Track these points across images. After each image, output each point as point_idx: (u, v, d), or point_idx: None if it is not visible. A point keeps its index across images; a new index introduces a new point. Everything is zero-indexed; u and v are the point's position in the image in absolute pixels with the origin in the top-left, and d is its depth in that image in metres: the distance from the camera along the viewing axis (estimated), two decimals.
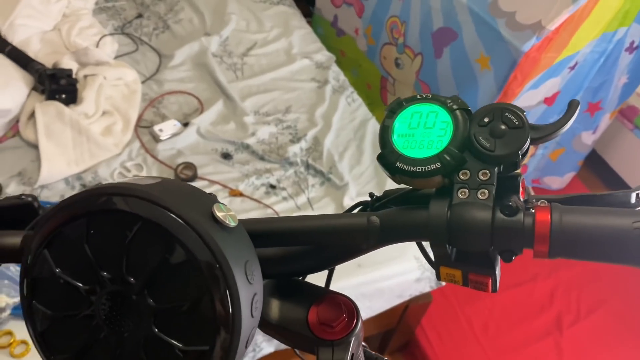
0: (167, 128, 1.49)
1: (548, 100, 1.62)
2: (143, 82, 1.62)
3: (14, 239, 0.39)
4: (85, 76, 1.51)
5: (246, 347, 0.31)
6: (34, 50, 1.54)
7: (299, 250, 0.42)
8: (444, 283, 1.42)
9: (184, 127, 1.51)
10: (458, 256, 0.36)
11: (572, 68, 1.56)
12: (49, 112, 1.39)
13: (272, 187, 1.43)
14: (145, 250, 0.28)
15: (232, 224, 0.31)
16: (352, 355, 0.42)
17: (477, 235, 0.33)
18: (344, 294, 0.43)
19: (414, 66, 1.82)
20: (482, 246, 0.34)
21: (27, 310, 0.31)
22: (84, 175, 1.37)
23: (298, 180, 1.46)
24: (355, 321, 0.42)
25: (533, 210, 0.33)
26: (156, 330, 0.29)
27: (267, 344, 1.29)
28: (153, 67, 1.69)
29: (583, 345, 1.70)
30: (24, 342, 1.06)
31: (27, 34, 1.56)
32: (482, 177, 0.34)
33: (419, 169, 0.35)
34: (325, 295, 0.43)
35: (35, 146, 1.39)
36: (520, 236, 0.33)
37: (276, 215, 1.38)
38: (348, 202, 1.41)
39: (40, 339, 0.31)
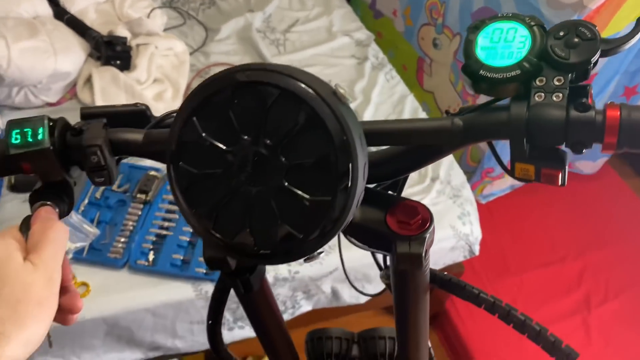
0: None
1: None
2: (191, 54, 1.68)
3: (137, 136, 0.46)
4: (138, 45, 1.58)
5: (356, 206, 0.37)
6: (90, 19, 1.62)
7: (382, 156, 0.47)
8: (477, 253, 1.46)
9: None
10: (532, 153, 0.40)
11: None
12: (105, 76, 1.46)
13: None
14: (280, 117, 0.34)
15: (350, 100, 0.36)
16: (426, 251, 0.47)
17: (553, 130, 0.38)
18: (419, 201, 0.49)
19: (452, 46, 1.85)
20: (557, 140, 0.38)
21: (173, 172, 0.37)
22: None
23: None
24: (429, 222, 0.47)
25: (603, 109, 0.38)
26: (286, 183, 0.34)
27: (305, 302, 1.35)
28: (200, 40, 1.76)
29: (612, 324, 1.72)
30: (84, 283, 1.14)
31: (83, 5, 1.63)
32: (556, 83, 0.39)
33: (500, 75, 0.40)
34: (401, 200, 0.48)
35: None
36: (592, 129, 0.37)
37: None
38: None
39: (185, 195, 0.37)
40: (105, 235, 1.21)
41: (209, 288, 1.18)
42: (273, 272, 1.23)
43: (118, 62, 1.50)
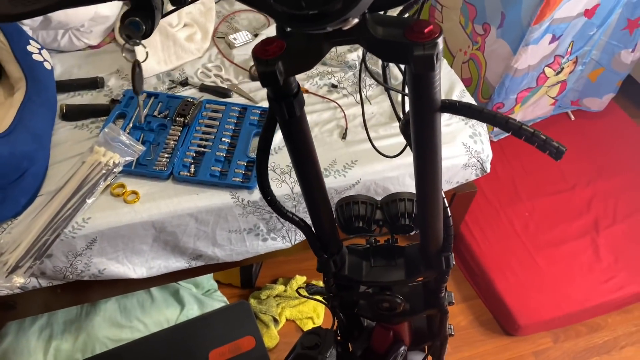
0: (240, 37, 1.68)
1: (588, 13, 1.73)
2: (217, 2, 1.81)
3: None
4: None
5: None
6: None
7: None
8: (488, 170, 1.57)
9: (255, 37, 1.70)
10: None
11: None
12: None
13: (334, 86, 1.61)
14: None
15: None
16: (437, 55, 0.58)
17: None
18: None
19: None
20: None
21: None
22: (173, 72, 1.57)
23: (357, 81, 1.63)
24: (439, 32, 0.58)
25: None
26: None
27: None
28: None
29: (620, 243, 1.82)
30: (134, 192, 1.27)
31: None
32: None
33: None
34: (415, 20, 0.60)
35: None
36: None
37: (338, 109, 1.55)
38: None
39: None
40: (150, 153, 1.34)
41: (244, 195, 1.31)
42: None
43: None
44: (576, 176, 2.01)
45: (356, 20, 0.54)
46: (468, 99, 1.64)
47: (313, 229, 0.88)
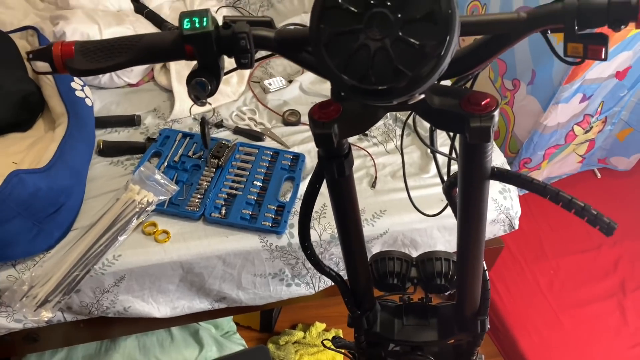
0: (274, 83, 1.72)
1: (619, 75, 1.74)
2: None
3: (270, 33, 0.60)
4: None
5: (451, 55, 0.49)
6: (165, 15, 1.81)
7: (462, 51, 0.60)
8: (516, 227, 1.56)
9: (289, 83, 1.73)
10: (580, 35, 0.53)
11: None
12: (180, 61, 1.64)
13: (364, 134, 1.62)
14: None
15: None
16: (492, 127, 0.59)
17: (599, 12, 0.50)
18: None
19: None
20: (602, 22, 0.51)
21: (316, 31, 0.50)
22: (207, 114, 1.61)
23: (387, 130, 1.65)
24: (496, 105, 0.59)
25: None
26: (401, 34, 0.47)
27: None
28: None
29: None
30: (165, 231, 1.28)
31: (160, 1, 1.83)
32: None
33: None
34: (472, 91, 0.61)
35: (166, 90, 1.65)
36: (630, 9, 0.50)
37: (368, 157, 1.56)
38: None
39: (325, 49, 0.50)
40: (183, 193, 1.36)
41: (273, 240, 1.31)
42: (330, 231, 1.35)
43: None
44: (602, 235, 1.96)
45: (422, 96, 0.56)
46: (497, 153, 1.64)
47: (348, 284, 0.88)
